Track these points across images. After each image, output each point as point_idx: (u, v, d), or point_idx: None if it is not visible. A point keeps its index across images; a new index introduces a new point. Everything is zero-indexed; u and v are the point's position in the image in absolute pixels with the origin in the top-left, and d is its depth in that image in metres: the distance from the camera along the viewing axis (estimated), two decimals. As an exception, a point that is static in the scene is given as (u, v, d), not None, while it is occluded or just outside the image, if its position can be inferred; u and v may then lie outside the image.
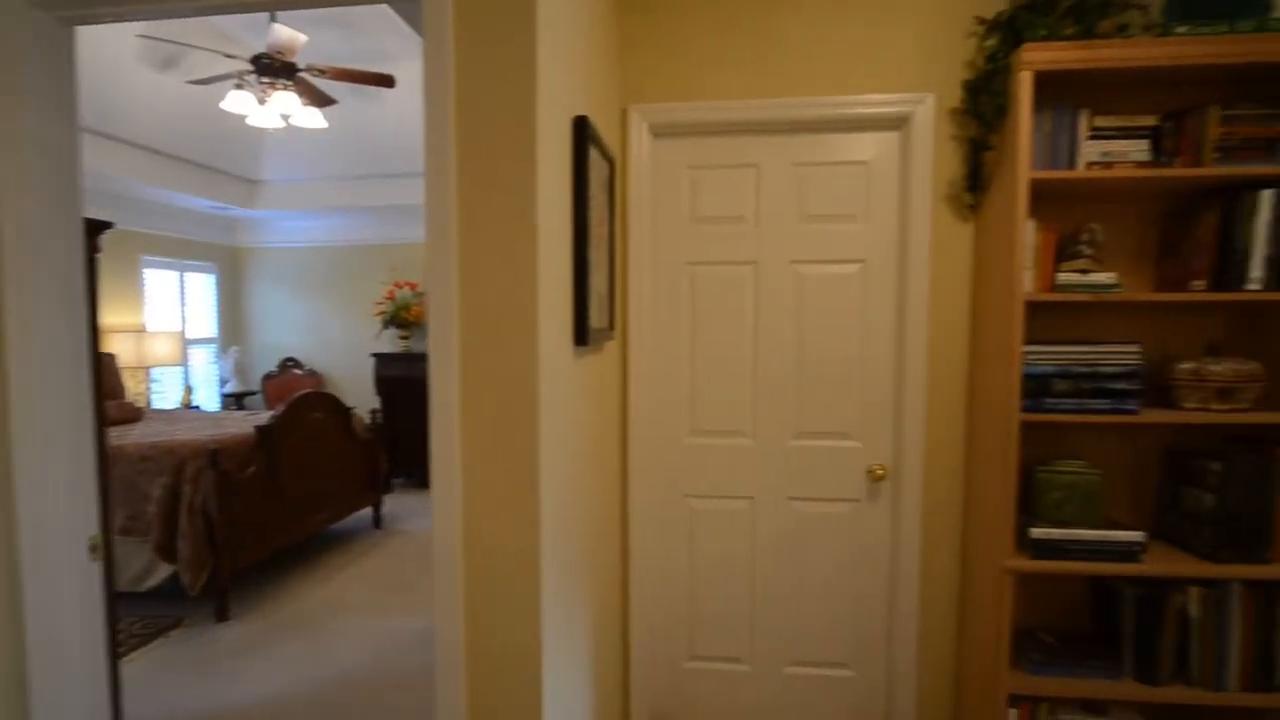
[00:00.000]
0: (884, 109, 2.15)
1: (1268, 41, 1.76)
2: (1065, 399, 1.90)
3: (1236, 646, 1.90)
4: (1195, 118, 1.90)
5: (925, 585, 2.28)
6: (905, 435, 2.24)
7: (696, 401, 2.36)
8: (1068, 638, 2.09)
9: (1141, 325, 2.10)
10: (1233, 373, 1.89)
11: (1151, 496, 2.14)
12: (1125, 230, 2.09)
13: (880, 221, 2.24)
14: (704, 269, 2.32)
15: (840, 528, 2.34)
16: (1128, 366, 1.87)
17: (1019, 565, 1.92)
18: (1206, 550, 1.90)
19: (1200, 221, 1.93)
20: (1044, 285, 1.96)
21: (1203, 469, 1.93)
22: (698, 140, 2.28)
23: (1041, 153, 1.92)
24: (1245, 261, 1.84)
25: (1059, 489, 1.97)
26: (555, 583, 1.46)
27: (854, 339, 2.28)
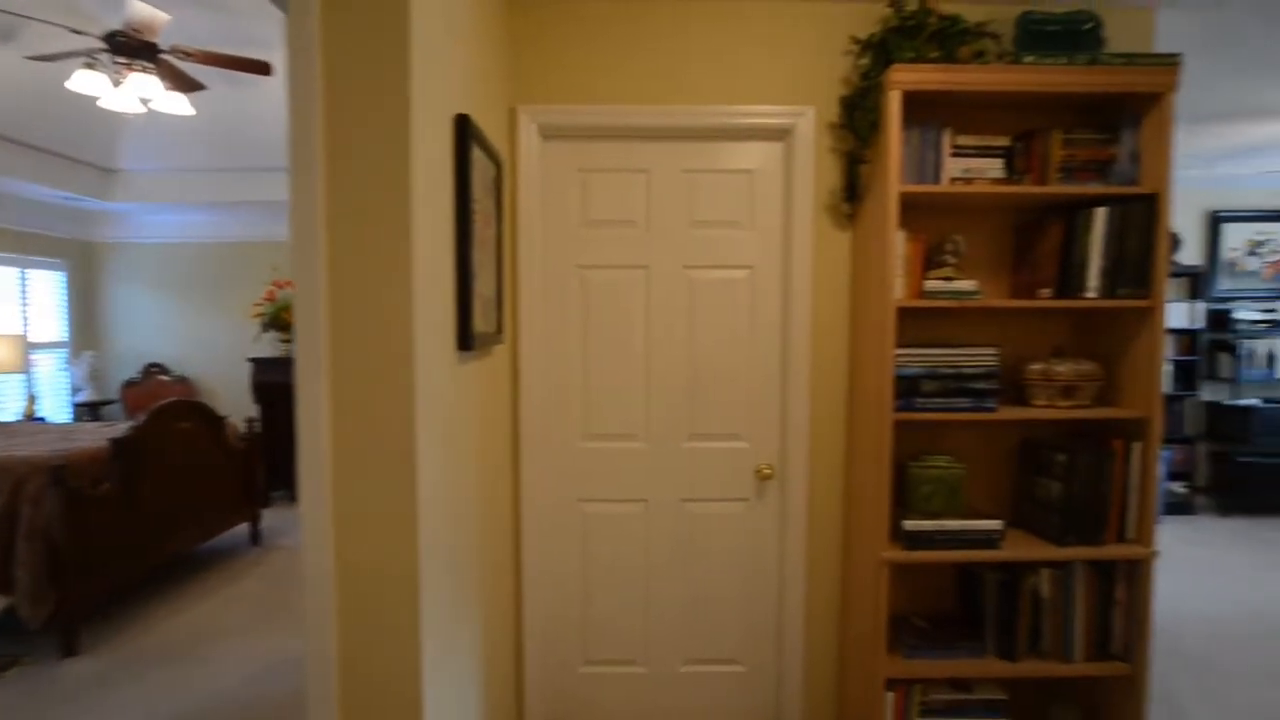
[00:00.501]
0: (768, 120, 2.22)
1: (1100, 74, 1.95)
2: (933, 398, 2.02)
3: (1080, 621, 2.08)
4: (1041, 140, 2.08)
5: (810, 578, 2.37)
6: (790, 435, 2.32)
7: (589, 405, 2.35)
8: (939, 621, 2.23)
9: (999, 329, 2.28)
10: (1074, 373, 2.08)
11: (1009, 486, 2.31)
12: (984, 241, 2.26)
13: (766, 229, 2.32)
14: (596, 273, 2.32)
15: (731, 527, 2.39)
16: (987, 368, 2.02)
17: (894, 556, 2.02)
18: (1055, 535, 2.07)
19: (1046, 235, 2.11)
20: (914, 292, 2.08)
21: (1051, 460, 2.11)
22: (588, 143, 2.28)
23: (910, 167, 2.04)
24: (1084, 272, 2.02)
25: (928, 483, 2.10)
26: (437, 598, 1.41)
27: (743, 342, 2.34)
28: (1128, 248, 2.00)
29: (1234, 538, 4.76)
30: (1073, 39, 2.04)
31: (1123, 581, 2.07)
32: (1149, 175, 2.01)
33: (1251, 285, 5.52)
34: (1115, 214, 1.99)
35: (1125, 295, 2.01)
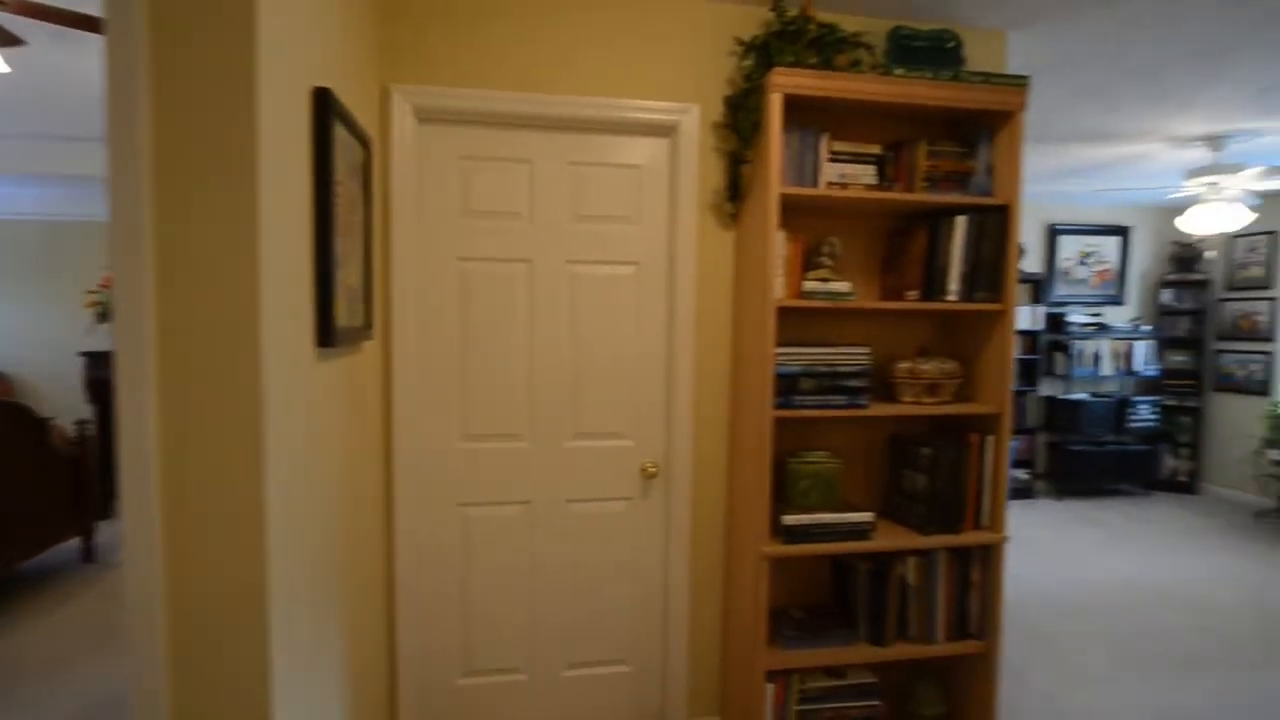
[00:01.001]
0: (654, 116, 2.20)
1: (961, 90, 2.07)
2: (811, 396, 2.08)
3: (942, 605, 2.21)
4: (909, 150, 2.18)
5: (694, 575, 2.38)
6: (675, 433, 2.32)
7: (470, 405, 2.24)
8: (815, 611, 2.30)
9: (870, 329, 2.38)
10: (938, 371, 2.20)
11: (880, 479, 2.43)
12: (857, 244, 2.35)
13: (652, 225, 2.30)
14: (476, 265, 2.21)
15: (616, 526, 2.36)
16: (860, 366, 2.10)
17: (774, 550, 2.07)
18: (920, 524, 2.19)
19: (913, 240, 2.23)
20: (793, 292, 2.13)
21: (917, 454, 2.23)
22: (469, 129, 2.17)
23: (790, 169, 2.09)
24: (945, 276, 2.15)
25: (806, 478, 2.16)
26: (291, 622, 1.28)
27: (628, 339, 2.32)
28: (983, 255, 2.14)
29: (1068, 518, 5.29)
30: (937, 56, 2.16)
31: (978, 565, 2.22)
32: (1002, 188, 2.16)
33: (1082, 292, 6.17)
34: (973, 223, 2.13)
35: (981, 299, 2.15)
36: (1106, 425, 5.82)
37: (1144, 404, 5.89)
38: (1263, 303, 5.63)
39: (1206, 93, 3.15)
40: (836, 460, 2.17)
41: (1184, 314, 6.08)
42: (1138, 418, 5.88)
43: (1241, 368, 5.79)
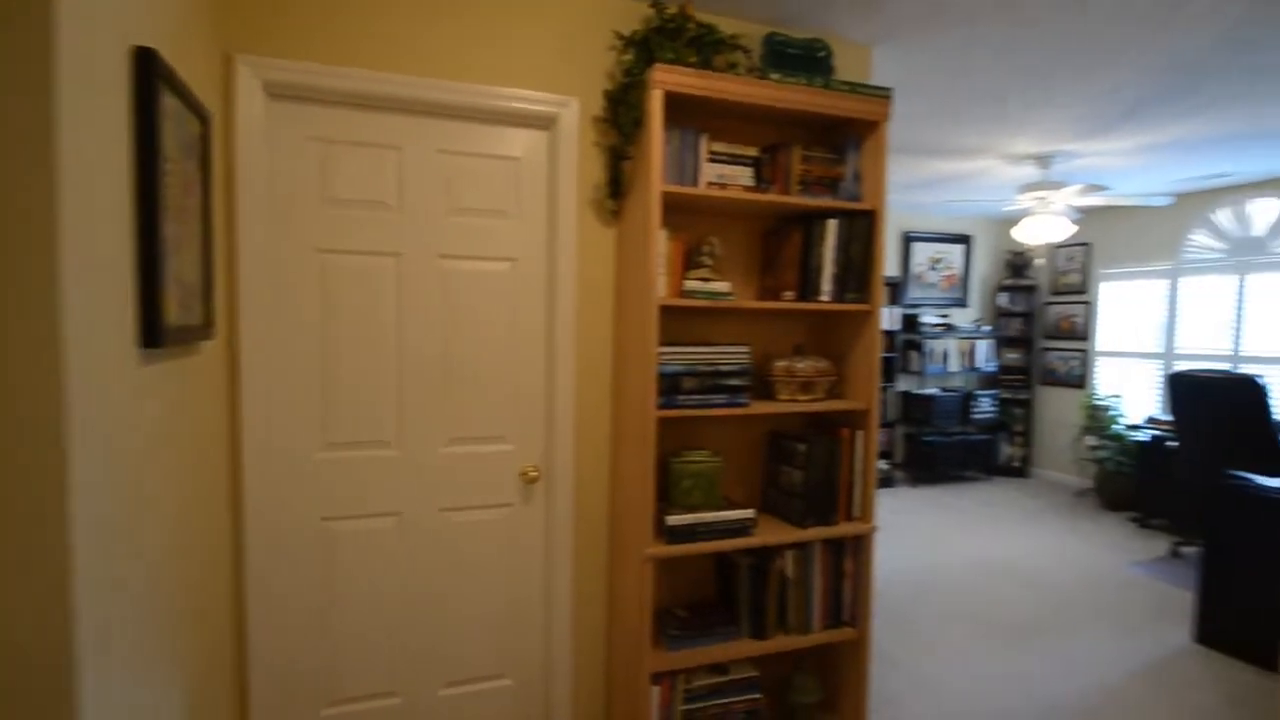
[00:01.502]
0: (532, 106, 2.12)
1: (832, 97, 2.14)
2: (693, 395, 2.08)
3: (819, 595, 2.29)
4: (784, 154, 2.24)
5: (578, 580, 2.32)
6: (556, 435, 2.25)
7: (332, 410, 2.06)
8: (699, 609, 2.31)
9: (748, 328, 2.42)
10: (812, 369, 2.27)
11: (759, 475, 2.48)
12: (737, 245, 2.39)
13: (530, 220, 2.22)
14: (338, 259, 2.03)
15: (495, 534, 2.26)
16: (741, 365, 2.13)
17: (658, 552, 2.04)
18: (797, 518, 2.25)
19: (789, 242, 2.29)
20: (674, 291, 2.12)
21: (793, 450, 2.29)
22: (329, 110, 1.99)
23: (671, 168, 2.08)
24: (819, 277, 2.22)
25: (689, 477, 2.16)
26: (106, 675, 1.09)
27: (505, 339, 2.22)
28: (853, 257, 2.23)
29: (924, 504, 5.71)
30: (810, 63, 2.22)
31: (850, 555, 2.32)
32: (869, 194, 2.26)
33: (933, 295, 6.69)
34: (844, 226, 2.21)
35: (851, 300, 2.24)
36: (954, 417, 6.35)
37: (985, 397, 6.48)
38: (1080, 306, 6.36)
39: (1037, 115, 3.48)
40: (718, 458, 2.19)
41: (1017, 315, 6.74)
42: (980, 410, 6.46)
43: (1063, 364, 6.50)
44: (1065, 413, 6.43)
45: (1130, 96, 3.18)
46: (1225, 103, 3.24)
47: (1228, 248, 5.24)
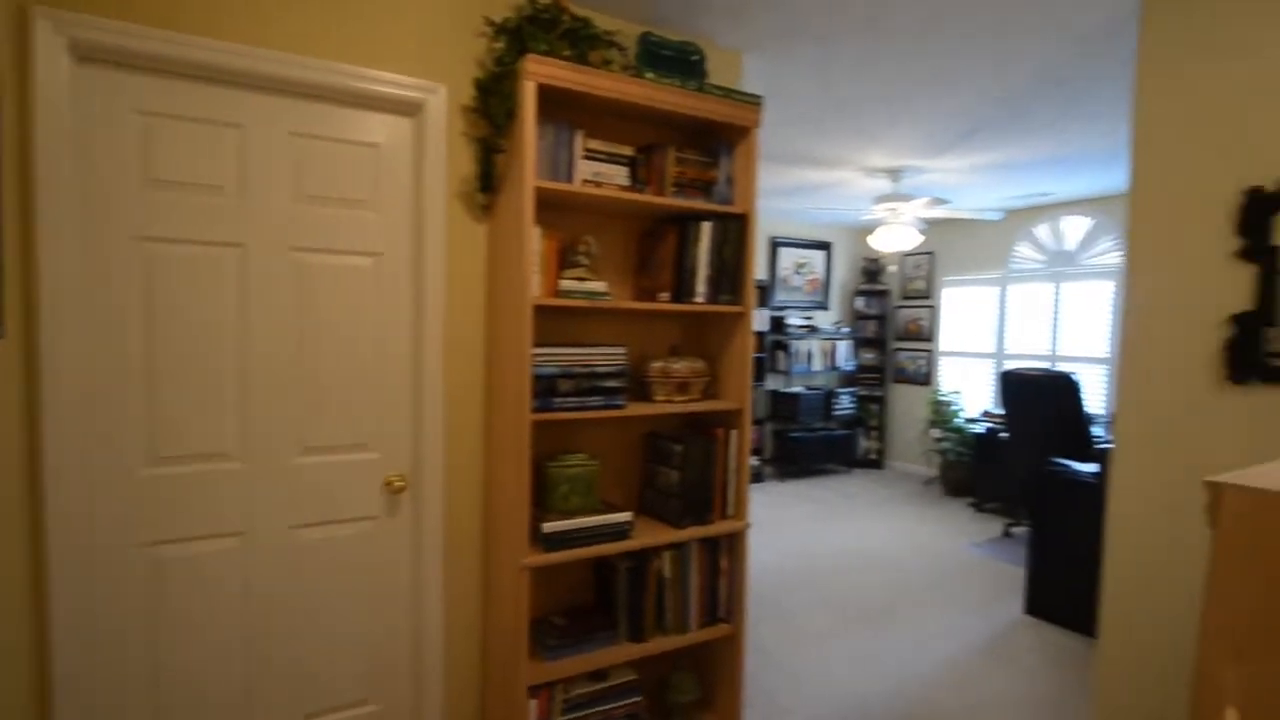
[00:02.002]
0: (396, 91, 1.99)
1: (706, 101, 2.17)
2: (569, 397, 2.03)
3: (696, 594, 2.30)
4: (659, 155, 2.24)
5: (450, 595, 2.20)
6: (425, 441, 2.12)
7: (159, 421, 1.82)
8: (577, 615, 2.26)
9: (625, 329, 2.40)
10: (688, 370, 2.29)
11: (637, 477, 2.46)
12: (613, 245, 2.36)
13: (395, 213, 2.07)
14: (166, 248, 1.80)
15: (357, 550, 2.09)
16: (617, 366, 2.10)
17: (534, 560, 1.97)
18: (675, 519, 2.25)
19: (664, 243, 2.29)
20: (549, 290, 2.06)
21: (670, 451, 2.29)
22: (153, 79, 1.75)
23: (545, 163, 2.01)
24: (694, 279, 2.24)
25: (566, 481, 2.10)
26: None
27: (369, 339, 2.06)
28: (726, 260, 2.27)
29: (791, 498, 5.98)
30: (683, 66, 2.24)
31: (726, 553, 2.35)
32: (740, 198, 2.31)
33: (797, 298, 7.03)
34: (717, 229, 2.24)
35: (725, 301, 2.28)
36: (818, 414, 6.70)
37: (845, 395, 6.90)
38: (925, 310, 6.92)
39: (891, 131, 3.73)
40: (595, 461, 2.15)
41: (872, 318, 7.24)
42: (840, 407, 6.86)
43: (912, 363, 7.05)
44: (914, 408, 6.97)
45: (970, 119, 3.47)
46: (1046, 129, 3.63)
47: (1046, 259, 5.90)
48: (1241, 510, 0.88)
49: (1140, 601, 2.19)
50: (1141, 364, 2.17)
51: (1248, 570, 0.86)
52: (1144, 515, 2.17)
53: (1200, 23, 2.04)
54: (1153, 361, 2.15)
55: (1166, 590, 2.12)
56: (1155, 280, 2.15)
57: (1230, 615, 0.86)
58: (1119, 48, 2.56)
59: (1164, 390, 2.12)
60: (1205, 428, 2.03)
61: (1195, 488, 2.04)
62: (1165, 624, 2.12)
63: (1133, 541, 2.21)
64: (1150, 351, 2.15)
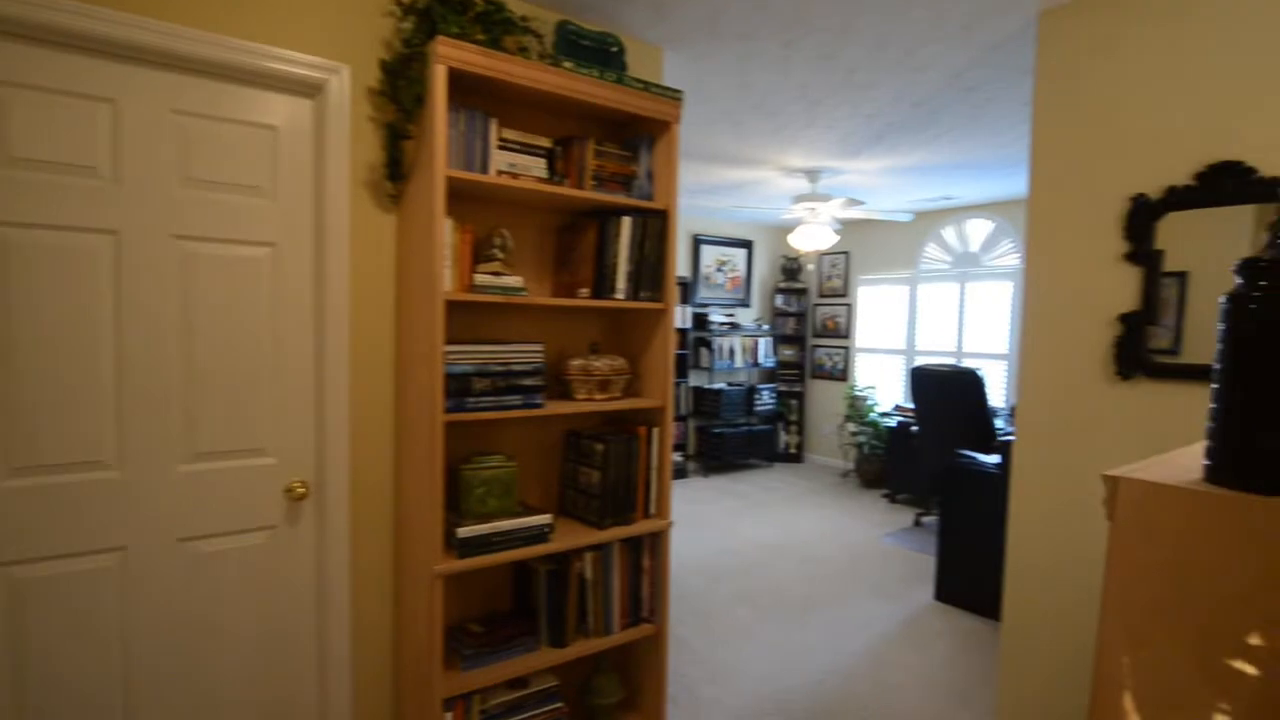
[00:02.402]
0: (294, 69, 1.85)
1: (625, 93, 2.13)
2: (485, 397, 1.95)
3: (618, 595, 2.27)
4: (578, 148, 2.18)
5: (358, 608, 2.08)
6: (329, 444, 1.99)
7: (16, 428, 1.63)
8: (495, 622, 2.18)
9: (545, 326, 2.34)
10: (608, 367, 2.24)
11: (557, 477, 2.40)
12: (531, 239, 2.29)
13: (293, 201, 1.94)
14: (24, 234, 1.61)
15: (254, 563, 1.95)
16: (535, 364, 2.03)
17: (448, 568, 1.88)
18: (595, 519, 2.21)
19: (584, 238, 2.24)
20: (463, 285, 1.97)
21: (591, 450, 2.24)
22: (3, 44, 1.56)
23: (458, 152, 1.93)
24: (614, 275, 2.19)
25: (482, 484, 2.02)
26: None
27: (265, 335, 1.92)
28: (647, 255, 2.24)
29: (715, 493, 6.04)
30: (602, 57, 2.19)
31: (648, 552, 2.33)
32: (661, 193, 2.28)
33: (720, 295, 7.12)
34: (638, 224, 2.21)
35: (646, 298, 2.25)
36: (740, 409, 6.80)
37: (766, 390, 7.03)
38: (842, 307, 7.13)
39: (808, 132, 3.80)
40: (513, 463, 2.07)
41: (791, 315, 7.40)
42: (761, 402, 6.99)
43: (829, 359, 7.26)
44: (831, 403, 7.18)
45: (882, 123, 3.58)
46: (953, 135, 3.78)
47: (952, 260, 6.18)
48: (1135, 501, 0.91)
49: (1040, 589, 2.30)
50: (1040, 361, 2.28)
51: (1141, 559, 0.89)
52: (1043, 505, 2.29)
53: (1093, 35, 2.15)
54: (1051, 359, 2.26)
55: (1066, 577, 2.24)
56: (1052, 281, 2.26)
57: (1126, 602, 0.89)
58: (1020, 58, 2.68)
59: (1061, 386, 2.23)
60: (1098, 421, 2.15)
61: (1091, 478, 2.16)
62: (1065, 610, 2.24)
63: (1033, 531, 2.32)
64: (1048, 350, 2.26)
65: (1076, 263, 2.19)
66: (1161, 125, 2.00)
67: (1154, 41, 2.02)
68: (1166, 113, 1.99)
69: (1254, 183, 1.84)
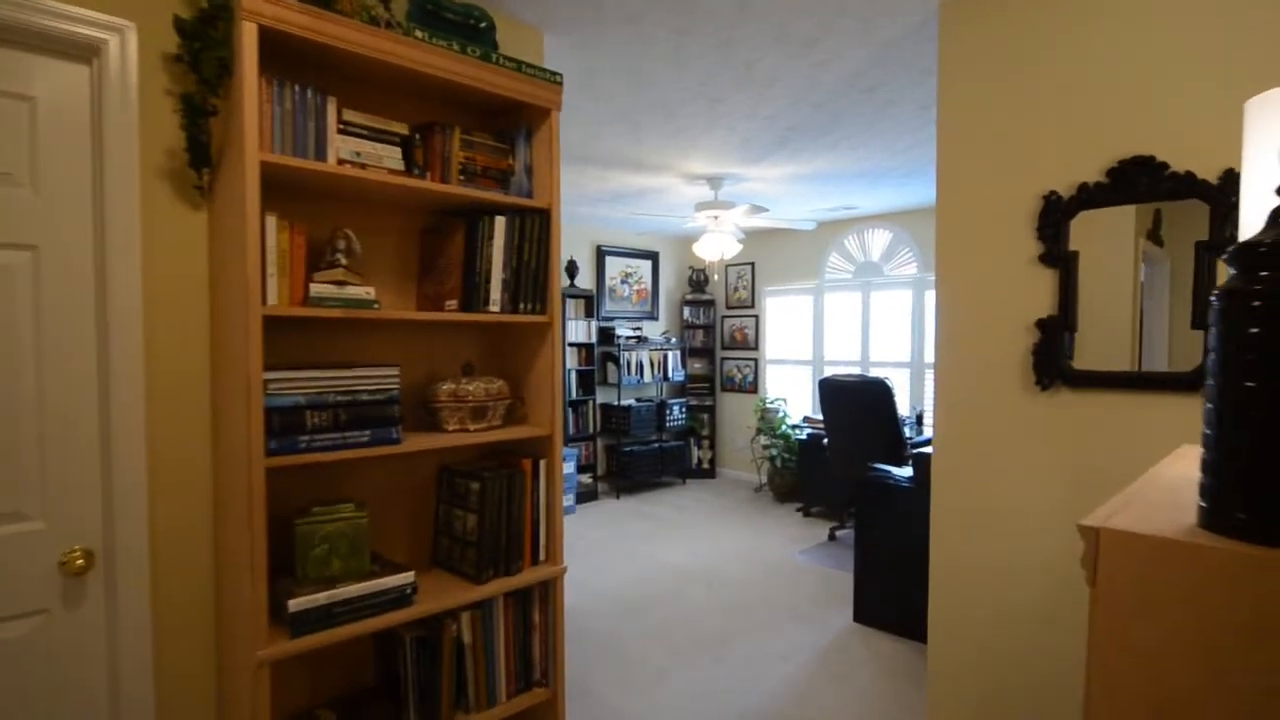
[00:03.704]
0: (58, 24, 1.44)
1: (493, 72, 1.83)
2: (323, 434, 1.58)
3: (504, 658, 1.93)
4: (442, 137, 1.86)
5: (165, 706, 1.65)
6: (120, 500, 1.56)
7: None
8: (351, 704, 1.81)
9: (411, 346, 1.99)
10: (484, 392, 1.92)
11: (430, 523, 2.05)
12: (390, 243, 1.94)
13: (62, 192, 1.52)
14: None
15: (21, 658, 1.49)
16: (387, 391, 1.68)
17: (276, 652, 1.50)
18: (473, 572, 1.87)
19: (451, 242, 1.91)
20: (295, 298, 1.61)
21: (466, 490, 1.91)
22: None
23: (285, 135, 1.57)
24: (487, 284, 1.88)
25: (323, 541, 1.65)
26: None
27: (25, 364, 1.48)
28: (526, 262, 1.94)
29: (625, 515, 5.75)
30: (467, 32, 1.88)
31: (538, 605, 2.00)
32: (542, 190, 1.99)
33: (626, 308, 6.88)
34: (514, 224, 1.91)
35: (528, 311, 1.95)
36: (650, 426, 6.56)
37: (676, 405, 6.83)
38: (750, 319, 7.05)
39: (709, 136, 3.61)
40: (363, 512, 1.71)
41: (699, 328, 7.26)
42: (672, 418, 6.78)
43: (739, 371, 7.15)
44: (742, 416, 7.06)
45: (784, 125, 3.43)
46: (853, 141, 3.69)
47: (855, 269, 6.19)
48: (1124, 560, 0.69)
49: (964, 607, 2.14)
50: (957, 373, 2.13)
51: (1140, 640, 0.67)
52: (964, 524, 2.13)
53: (995, 31, 2.03)
54: (967, 370, 2.11)
55: (990, 595, 2.08)
56: (965, 287, 2.11)
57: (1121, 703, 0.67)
58: (921, 58, 2.57)
59: (979, 398, 2.08)
60: (1018, 432, 2.00)
61: (1014, 494, 2.01)
62: (990, 631, 2.08)
63: (954, 549, 2.16)
64: (964, 360, 2.11)
65: (990, 267, 2.06)
66: (1072, 120, 1.89)
67: (1062, 34, 1.91)
68: (1076, 107, 1.88)
69: (1166, 178, 1.74)
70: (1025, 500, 1.99)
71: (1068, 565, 1.91)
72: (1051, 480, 1.93)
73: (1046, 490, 1.94)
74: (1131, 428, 1.80)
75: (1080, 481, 1.88)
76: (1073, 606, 1.91)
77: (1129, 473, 1.79)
